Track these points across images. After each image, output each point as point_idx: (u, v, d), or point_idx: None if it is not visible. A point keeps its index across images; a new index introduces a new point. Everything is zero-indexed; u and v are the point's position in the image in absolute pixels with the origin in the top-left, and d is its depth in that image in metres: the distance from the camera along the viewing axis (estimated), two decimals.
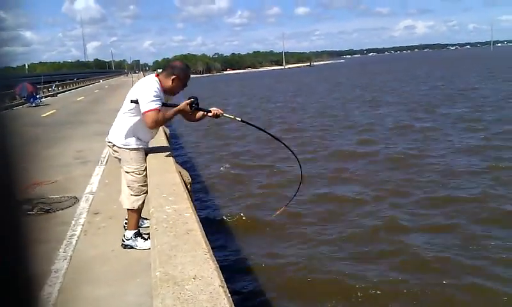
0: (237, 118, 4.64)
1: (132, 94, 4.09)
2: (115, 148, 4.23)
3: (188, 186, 4.03)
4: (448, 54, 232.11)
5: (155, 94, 3.96)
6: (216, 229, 8.17)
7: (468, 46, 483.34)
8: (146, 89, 3.99)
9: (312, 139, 16.79)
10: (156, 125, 4.06)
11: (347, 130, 18.20)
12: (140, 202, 4.21)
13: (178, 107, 4.14)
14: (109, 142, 4.28)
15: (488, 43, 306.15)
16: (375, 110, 23.72)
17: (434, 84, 37.98)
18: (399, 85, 40.76)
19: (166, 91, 4.19)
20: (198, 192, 10.24)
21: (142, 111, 3.96)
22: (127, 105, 4.12)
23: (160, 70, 4.19)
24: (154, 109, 3.94)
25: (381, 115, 21.82)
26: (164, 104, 4.09)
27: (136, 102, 4.00)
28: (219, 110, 4.35)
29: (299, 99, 35.00)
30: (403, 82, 44.58)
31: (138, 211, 4.27)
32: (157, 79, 4.12)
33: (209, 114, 4.31)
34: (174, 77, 4.13)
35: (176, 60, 4.22)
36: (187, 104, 4.13)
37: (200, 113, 4.35)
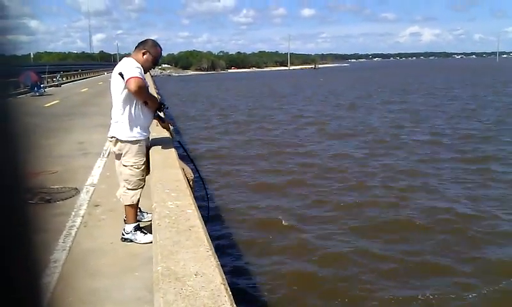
0: (177, 140, 5.34)
1: (115, 78, 4.20)
2: (118, 142, 4.23)
3: (190, 183, 4.03)
4: (455, 62, 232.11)
5: (137, 68, 4.09)
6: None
7: (474, 56, 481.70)
8: (129, 64, 4.12)
9: None
10: (139, 90, 4.07)
11: None
12: (138, 196, 4.26)
13: (153, 97, 4.53)
14: (112, 137, 4.27)
15: (493, 53, 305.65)
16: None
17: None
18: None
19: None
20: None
21: (126, 78, 4.03)
22: (118, 91, 4.17)
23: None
24: (137, 77, 4.03)
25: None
26: None
27: (122, 75, 4.08)
28: (170, 125, 5.03)
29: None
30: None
31: (135, 205, 4.30)
32: (132, 58, 4.25)
33: (162, 123, 4.79)
34: (144, 51, 4.28)
35: (148, 38, 4.42)
36: (158, 105, 4.50)
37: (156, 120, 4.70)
